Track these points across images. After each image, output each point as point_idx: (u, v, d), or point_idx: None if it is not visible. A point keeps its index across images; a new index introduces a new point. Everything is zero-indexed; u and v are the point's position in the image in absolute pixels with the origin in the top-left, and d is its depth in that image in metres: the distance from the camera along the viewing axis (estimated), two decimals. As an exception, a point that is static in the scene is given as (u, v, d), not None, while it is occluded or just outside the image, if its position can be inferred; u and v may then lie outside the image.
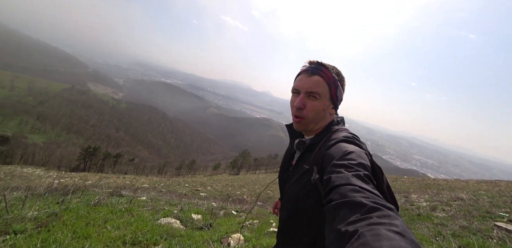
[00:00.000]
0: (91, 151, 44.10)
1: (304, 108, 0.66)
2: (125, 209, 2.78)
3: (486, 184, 11.80)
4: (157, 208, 3.21)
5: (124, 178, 17.68)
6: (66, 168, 40.79)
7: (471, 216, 4.25)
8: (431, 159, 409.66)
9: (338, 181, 0.44)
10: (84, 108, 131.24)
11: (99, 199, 2.89)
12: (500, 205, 4.94)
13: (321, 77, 0.64)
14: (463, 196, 6.04)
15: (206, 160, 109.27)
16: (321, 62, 0.67)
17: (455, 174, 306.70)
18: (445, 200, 5.82)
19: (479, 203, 5.21)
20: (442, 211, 4.84)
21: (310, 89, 0.64)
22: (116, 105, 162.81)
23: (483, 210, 4.57)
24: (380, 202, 0.37)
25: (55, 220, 2.06)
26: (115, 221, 2.32)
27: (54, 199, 2.72)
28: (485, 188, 10.29)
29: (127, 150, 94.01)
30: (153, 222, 2.47)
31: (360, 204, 0.36)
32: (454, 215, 4.41)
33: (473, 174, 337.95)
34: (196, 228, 2.62)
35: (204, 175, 42.25)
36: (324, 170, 0.55)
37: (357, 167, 0.47)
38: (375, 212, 0.34)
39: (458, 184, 12.09)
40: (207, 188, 12.10)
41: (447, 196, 6.44)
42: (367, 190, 0.40)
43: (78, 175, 17.99)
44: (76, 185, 3.44)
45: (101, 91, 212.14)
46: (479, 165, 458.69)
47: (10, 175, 14.26)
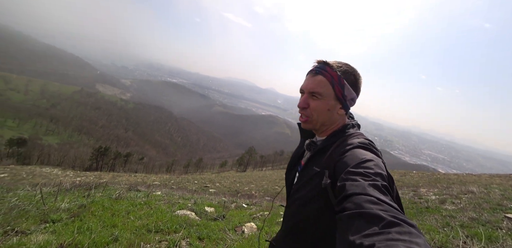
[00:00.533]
0: (103, 151, 45.61)
1: (308, 107, 0.66)
2: (144, 202, 2.99)
3: (500, 178, 11.46)
4: (172, 201, 3.41)
5: (136, 176, 18.32)
6: (80, 168, 42.44)
7: (481, 208, 4.24)
8: (442, 154, 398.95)
9: (353, 190, 0.42)
10: (93, 110, 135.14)
11: (119, 194, 3.12)
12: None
13: (324, 77, 0.63)
14: (474, 190, 5.99)
15: (212, 158, 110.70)
16: (326, 61, 0.65)
17: (467, 169, 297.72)
18: (455, 193, 5.79)
19: (490, 196, 5.17)
20: (452, 204, 4.84)
21: (312, 89, 0.64)
22: (124, 105, 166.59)
23: (494, 203, 4.55)
24: (400, 217, 0.35)
25: (85, 211, 2.27)
26: (136, 213, 2.53)
27: (80, 193, 2.96)
28: (498, 182, 10.03)
29: (136, 150, 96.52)
30: (171, 214, 2.66)
31: (378, 217, 0.34)
32: (464, 208, 4.41)
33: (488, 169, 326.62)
34: (211, 219, 2.79)
35: (212, 173, 42.97)
36: (336, 176, 0.53)
37: (374, 177, 0.46)
38: (394, 227, 0.32)
39: (469, 178, 11.79)
40: (216, 185, 12.41)
41: (457, 189, 6.39)
42: (385, 203, 0.38)
43: (93, 174, 18.77)
44: (97, 182, 3.69)
45: (109, 92, 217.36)
46: (494, 160, 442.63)
47: (31, 174, 15.08)
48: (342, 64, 0.65)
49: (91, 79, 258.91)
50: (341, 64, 0.65)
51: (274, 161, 61.25)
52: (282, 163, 59.56)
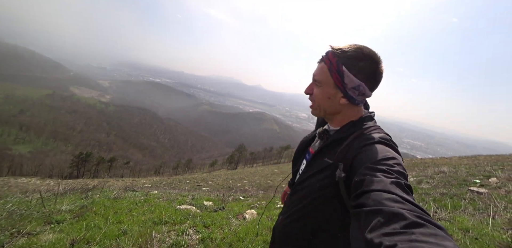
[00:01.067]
0: (84, 157, 43.14)
1: (312, 93, 0.66)
2: (144, 201, 3.06)
3: (467, 159, 12.78)
4: (171, 198, 3.50)
5: (124, 180, 17.70)
6: (58, 177, 39.89)
7: (450, 185, 4.84)
8: (419, 141, 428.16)
9: (373, 186, 0.40)
10: (69, 114, 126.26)
11: (117, 194, 3.15)
12: (475, 174, 5.59)
13: (325, 64, 0.60)
14: (445, 170, 6.71)
15: (202, 158, 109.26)
16: (333, 46, 0.60)
17: (441, 154, 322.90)
18: (430, 174, 6.45)
19: (457, 174, 5.85)
20: (427, 183, 5.43)
21: (314, 76, 0.63)
22: (103, 108, 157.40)
23: (461, 179, 5.19)
24: (425, 217, 0.32)
25: (88, 211, 2.32)
26: (138, 210, 2.61)
27: (77, 196, 2.95)
28: (466, 162, 11.20)
29: (120, 154, 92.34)
30: (173, 208, 2.77)
31: (400, 216, 0.32)
32: (436, 186, 5.00)
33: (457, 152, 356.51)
34: (212, 211, 2.95)
35: (203, 172, 42.60)
36: (353, 170, 0.52)
37: (397, 175, 0.43)
38: (418, 228, 0.29)
39: (442, 161, 13.02)
40: (209, 183, 12.45)
41: (431, 171, 7.10)
42: (408, 202, 0.35)
43: (76, 182, 17.83)
44: (92, 184, 3.66)
45: (86, 95, 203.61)
46: (462, 144, 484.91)
47: (6, 185, 13.99)
48: (350, 49, 0.58)
49: (64, 81, 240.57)
50: (350, 48, 0.58)
51: (264, 157, 62.04)
52: (272, 159, 60.47)
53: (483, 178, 5.12)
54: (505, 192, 3.84)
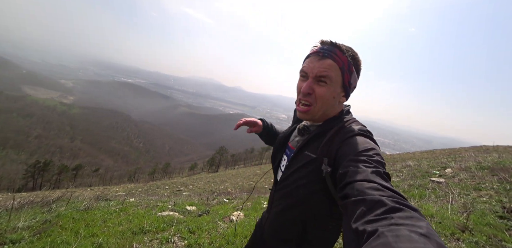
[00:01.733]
0: (41, 167, 38.14)
1: (312, 93, 0.60)
2: (120, 210, 2.81)
3: (427, 153, 14.50)
4: (151, 205, 3.27)
5: (92, 190, 16.02)
6: (8, 190, 34.56)
7: (415, 177, 5.40)
8: (387, 139, 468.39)
9: (356, 177, 0.42)
10: (21, 117, 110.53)
11: (88, 205, 2.84)
12: (435, 166, 6.32)
13: (334, 61, 0.57)
14: (411, 163, 7.47)
15: (181, 161, 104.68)
16: (336, 43, 0.58)
17: (405, 150, 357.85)
18: (398, 168, 7.11)
19: (421, 167, 6.56)
20: (396, 176, 5.96)
21: (320, 73, 0.57)
22: (66, 110, 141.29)
23: (424, 171, 5.83)
24: (403, 202, 0.35)
25: (52, 226, 2.04)
26: (114, 220, 2.38)
27: (37, 210, 2.59)
28: (426, 156, 12.70)
29: (88, 161, 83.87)
30: (154, 216, 2.59)
31: (380, 203, 0.35)
32: (404, 178, 5.53)
33: (419, 148, 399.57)
34: (196, 216, 2.82)
35: (182, 176, 40.79)
36: (337, 163, 0.53)
37: (376, 164, 0.46)
38: (397, 213, 0.32)
39: (408, 156, 14.51)
40: (189, 187, 11.94)
41: (399, 165, 7.83)
42: (387, 189, 0.38)
43: (33, 194, 15.61)
44: (56, 196, 3.26)
45: (42, 96, 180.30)
46: (422, 140, 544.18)
47: None
48: (349, 48, 0.60)
49: (14, 80, 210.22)
50: (349, 48, 0.60)
51: (246, 158, 61.83)
52: (253, 160, 60.51)
53: (440, 169, 5.82)
54: (458, 180, 4.41)
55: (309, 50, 0.63)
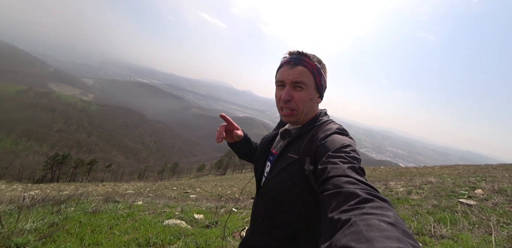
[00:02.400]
0: (60, 159, 40.08)
1: (292, 99, 0.65)
2: (127, 214, 2.73)
3: (448, 169, 13.52)
4: (158, 211, 3.17)
5: (104, 186, 16.49)
6: (29, 180, 36.57)
7: (439, 196, 4.90)
8: (401, 150, 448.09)
9: (334, 172, 0.45)
10: (46, 112, 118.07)
11: (96, 207, 2.79)
12: (461, 185, 5.75)
13: (305, 67, 0.64)
14: (432, 180, 6.88)
15: (189, 162, 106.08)
16: (302, 51, 0.66)
17: (421, 162, 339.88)
18: (418, 184, 6.57)
19: (444, 185, 6.00)
20: (417, 194, 5.48)
21: (296, 78, 0.64)
22: (85, 107, 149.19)
23: (448, 190, 5.30)
24: (374, 193, 0.38)
25: (58, 230, 1.97)
26: (120, 227, 2.29)
27: (47, 209, 2.56)
28: (447, 172, 11.82)
29: (102, 156, 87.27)
30: (160, 224, 2.47)
31: (354, 195, 0.37)
32: (426, 196, 5.05)
33: (435, 161, 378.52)
34: (203, 227, 2.67)
35: (190, 177, 41.12)
36: (317, 160, 0.56)
37: (352, 160, 0.49)
38: (368, 203, 0.35)
39: (426, 170, 13.64)
40: (197, 190, 11.89)
41: (419, 181, 7.26)
42: (361, 182, 0.42)
43: (49, 186, 16.32)
44: (66, 195, 3.25)
45: (66, 93, 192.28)
46: (439, 153, 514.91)
47: (-36, 191, 12.44)
48: (313, 54, 0.68)
49: (42, 77, 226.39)
50: (313, 54, 0.67)
51: (254, 162, 61.20)
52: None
53: (469, 189, 5.26)
54: (492, 205, 3.92)
55: (280, 61, 0.70)
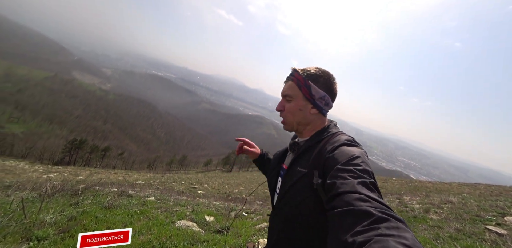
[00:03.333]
0: (77, 144, 42.28)
1: (283, 110, 0.72)
2: (140, 212, 2.73)
3: (468, 187, 12.58)
4: (170, 209, 3.16)
5: (116, 173, 17.16)
6: (49, 161, 38.91)
7: (462, 219, 4.50)
8: (414, 161, 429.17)
9: (343, 188, 0.43)
10: (68, 98, 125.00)
11: (111, 201, 2.81)
12: (487, 209, 5.27)
13: (292, 81, 0.70)
14: (453, 200, 6.40)
15: (196, 155, 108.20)
16: (295, 68, 0.72)
17: (434, 176, 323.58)
18: (436, 203, 6.13)
19: (467, 207, 5.53)
20: (435, 213, 5.09)
21: (283, 92, 0.72)
22: (103, 96, 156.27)
23: (473, 213, 4.86)
24: (389, 212, 0.36)
25: (76, 225, 1.98)
26: (134, 225, 2.27)
27: (66, 200, 2.61)
28: (467, 191, 10.98)
29: (115, 143, 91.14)
30: (173, 225, 2.44)
31: (367, 214, 0.35)
32: (447, 218, 4.67)
33: (451, 176, 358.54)
34: (215, 231, 2.62)
35: (197, 172, 41.88)
36: (326, 173, 0.54)
37: (362, 174, 0.47)
38: (383, 223, 0.33)
39: (443, 186, 12.80)
40: (204, 186, 12.02)
41: (437, 198, 6.78)
42: (374, 199, 0.39)
43: (66, 170, 17.24)
44: (83, 183, 3.31)
45: (87, 81, 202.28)
46: (457, 168, 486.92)
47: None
48: (311, 69, 0.70)
49: (66, 65, 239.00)
50: (311, 69, 0.70)
51: (260, 161, 61.17)
52: (267, 164, 59.19)
53: (497, 215, 4.81)
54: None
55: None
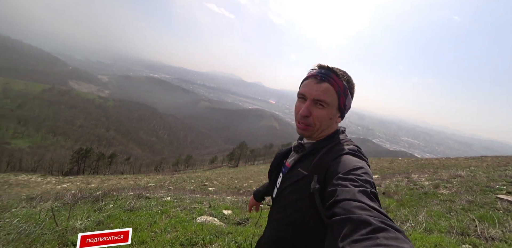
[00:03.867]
0: (84, 153, 42.91)
1: (310, 116, 0.63)
2: (161, 211, 2.82)
3: (475, 160, 12.67)
4: (188, 207, 3.27)
5: (126, 178, 17.52)
6: (59, 172, 39.71)
7: (473, 191, 4.57)
8: (417, 140, 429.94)
9: (343, 195, 0.43)
10: (68, 109, 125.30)
11: (132, 204, 2.91)
12: (497, 179, 5.35)
13: (331, 85, 0.61)
14: (461, 173, 6.46)
15: (201, 154, 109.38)
16: (332, 67, 0.63)
17: (439, 152, 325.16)
18: (445, 178, 6.20)
19: (477, 179, 5.60)
20: (445, 188, 5.18)
21: (318, 96, 0.61)
22: (103, 103, 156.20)
23: (483, 185, 4.94)
24: (388, 222, 0.35)
25: (105, 229, 2.07)
26: (159, 225, 2.37)
27: (89, 206, 2.71)
28: (475, 164, 11.06)
29: (120, 149, 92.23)
30: (195, 222, 2.53)
31: (366, 223, 0.35)
32: (458, 191, 4.74)
33: (455, 151, 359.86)
34: (235, 224, 2.72)
35: (204, 170, 42.55)
36: (326, 181, 0.54)
37: (364, 183, 0.47)
38: (381, 233, 0.32)
39: (449, 162, 12.89)
40: (214, 182, 12.27)
41: (445, 174, 6.85)
42: (374, 209, 0.39)
43: (78, 179, 17.64)
44: (101, 189, 3.42)
45: (84, 90, 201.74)
46: (461, 143, 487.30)
47: (6, 184, 13.73)
48: (344, 72, 0.64)
49: (62, 76, 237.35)
50: (343, 72, 0.64)
51: (265, 154, 61.99)
52: (272, 156, 60.04)
53: (507, 184, 4.89)
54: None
55: (307, 72, 0.67)
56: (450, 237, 2.31)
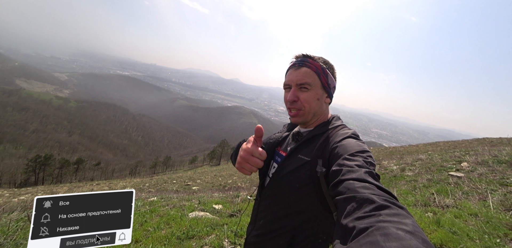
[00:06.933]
0: (42, 161, 38.07)
1: (298, 100, 0.66)
2: (150, 211, 2.74)
3: (431, 146, 14.62)
4: (177, 205, 3.20)
5: (99, 184, 16.06)
6: (10, 184, 34.62)
7: (431, 171, 5.36)
8: (385, 131, 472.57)
9: (349, 175, 0.44)
10: (17, 112, 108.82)
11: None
12: (448, 160, 6.28)
13: (309, 68, 0.65)
14: (422, 157, 7.43)
15: (180, 154, 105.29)
16: (307, 54, 0.68)
17: (403, 141, 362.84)
18: (409, 162, 7.08)
19: (433, 161, 6.51)
20: (410, 170, 5.93)
21: (300, 80, 0.65)
22: (62, 104, 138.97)
23: (438, 165, 5.79)
24: (391, 200, 0.37)
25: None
26: (150, 223, 2.30)
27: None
28: (431, 149, 12.79)
29: (87, 155, 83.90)
30: (188, 218, 2.52)
31: (370, 201, 0.36)
32: (419, 172, 5.50)
33: (415, 139, 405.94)
34: (228, 216, 2.76)
35: (185, 170, 41.12)
36: (331, 162, 0.55)
37: (369, 165, 0.48)
38: (384, 210, 0.34)
39: (412, 148, 14.67)
40: (197, 182, 12.00)
41: (409, 159, 7.80)
42: (378, 187, 0.40)
43: (39, 189, 15.62)
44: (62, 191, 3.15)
45: (37, 89, 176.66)
46: (419, 132, 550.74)
47: None
48: (319, 56, 0.69)
49: (6, 73, 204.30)
50: (319, 57, 0.69)
51: (247, 151, 61.99)
52: (254, 152, 60.08)
53: (455, 163, 5.77)
54: (478, 175, 4.37)
55: (288, 65, 0.71)
56: (417, 209, 2.71)
